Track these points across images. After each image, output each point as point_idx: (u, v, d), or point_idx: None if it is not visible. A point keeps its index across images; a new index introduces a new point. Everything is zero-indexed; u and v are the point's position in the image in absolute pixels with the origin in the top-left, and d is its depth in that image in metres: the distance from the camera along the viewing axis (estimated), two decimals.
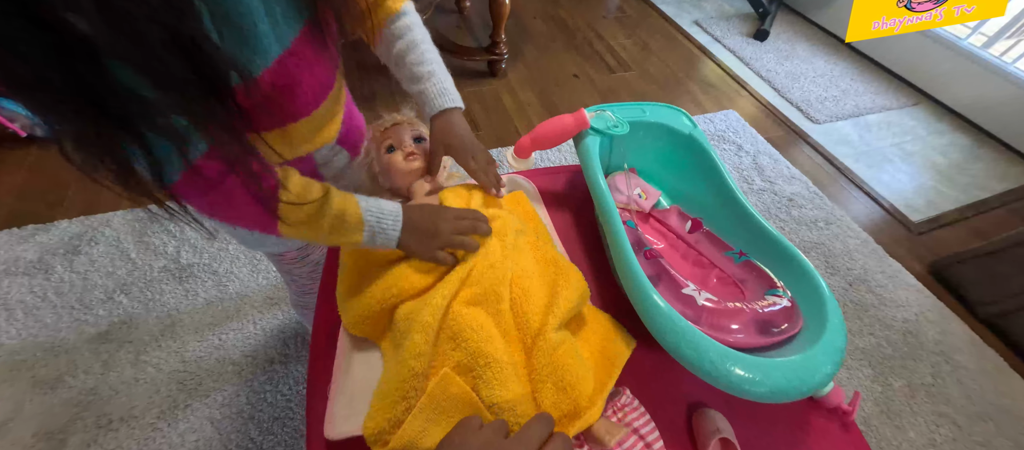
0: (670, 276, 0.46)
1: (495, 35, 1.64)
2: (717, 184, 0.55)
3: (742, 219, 0.51)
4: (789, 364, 0.37)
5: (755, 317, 0.41)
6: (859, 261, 1.28)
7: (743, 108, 1.81)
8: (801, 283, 0.43)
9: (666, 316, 0.38)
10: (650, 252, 0.48)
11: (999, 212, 1.50)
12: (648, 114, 0.61)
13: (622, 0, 2.43)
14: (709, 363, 0.36)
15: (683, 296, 0.42)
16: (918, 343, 1.12)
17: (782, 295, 0.43)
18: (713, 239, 0.54)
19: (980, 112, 1.83)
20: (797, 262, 0.44)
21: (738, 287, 0.48)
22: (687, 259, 0.55)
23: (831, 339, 0.38)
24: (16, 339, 0.93)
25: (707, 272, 0.52)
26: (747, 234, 0.50)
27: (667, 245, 0.58)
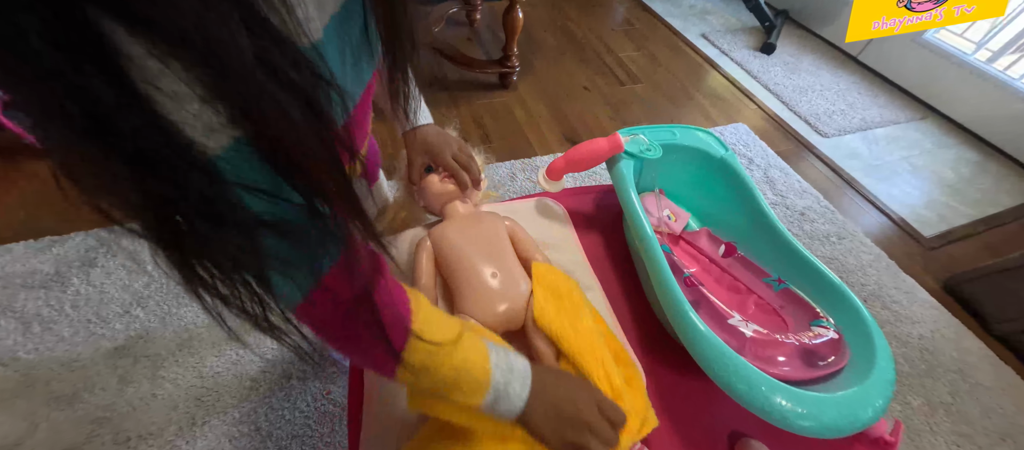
0: (710, 303, 0.46)
1: (507, 48, 1.65)
2: (751, 208, 0.55)
3: (779, 245, 0.51)
4: (841, 399, 0.36)
5: (801, 349, 0.41)
6: (873, 276, 1.28)
7: (751, 121, 1.82)
8: (845, 314, 0.43)
9: (715, 348, 0.38)
10: (690, 279, 0.48)
11: (1011, 227, 1.50)
12: (679, 137, 0.62)
13: (630, 13, 2.46)
14: (761, 397, 0.35)
15: (728, 326, 0.42)
16: (935, 360, 1.11)
17: (828, 326, 0.43)
18: (748, 264, 0.54)
19: (987, 126, 1.84)
20: (839, 292, 0.44)
21: (779, 315, 0.48)
22: (721, 284, 0.55)
23: (882, 373, 0.38)
24: (33, 354, 0.93)
25: (744, 298, 0.52)
26: (785, 261, 0.50)
27: (700, 269, 0.58)
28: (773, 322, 0.48)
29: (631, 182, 0.54)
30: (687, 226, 0.63)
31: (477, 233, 0.48)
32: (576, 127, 1.68)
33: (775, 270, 0.51)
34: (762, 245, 0.53)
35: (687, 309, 0.41)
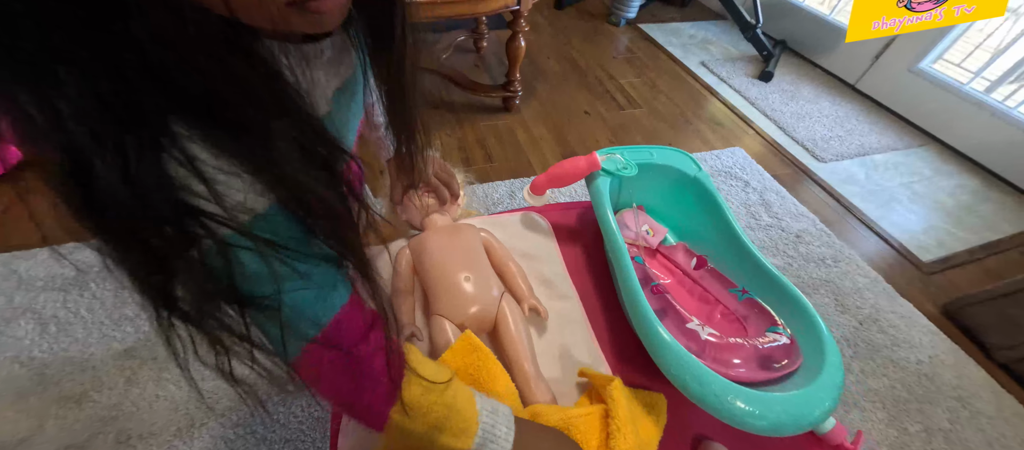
0: (676, 311, 0.49)
1: (511, 75, 1.74)
2: (721, 224, 0.58)
3: (745, 258, 0.54)
4: (789, 399, 0.39)
5: (756, 353, 0.43)
6: (870, 300, 1.28)
7: (750, 146, 1.85)
8: (801, 321, 0.46)
9: (671, 350, 0.41)
10: (657, 288, 0.51)
11: (1011, 254, 1.49)
12: (656, 157, 0.66)
13: (632, 42, 2.55)
14: (712, 396, 0.38)
15: (687, 330, 0.45)
16: (934, 386, 1.10)
17: (782, 332, 0.45)
18: (717, 276, 0.57)
19: (987, 154, 1.85)
20: (797, 301, 0.47)
21: (741, 323, 0.51)
22: (693, 294, 0.58)
23: (830, 376, 0.40)
24: (48, 353, 0.98)
25: (712, 308, 0.54)
26: (750, 273, 0.53)
27: (674, 281, 0.61)
28: (735, 330, 0.50)
29: (607, 198, 0.58)
30: (664, 240, 0.66)
31: (454, 242, 0.52)
32: (576, 149, 1.74)
33: (740, 281, 0.54)
34: (730, 258, 0.56)
35: (648, 314, 0.44)
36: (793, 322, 0.47)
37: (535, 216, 0.68)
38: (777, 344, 0.44)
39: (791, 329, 0.46)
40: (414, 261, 0.54)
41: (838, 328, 1.20)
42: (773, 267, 0.50)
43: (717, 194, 0.60)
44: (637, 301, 0.45)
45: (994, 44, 2.47)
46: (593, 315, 0.57)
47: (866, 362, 1.13)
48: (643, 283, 0.53)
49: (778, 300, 0.49)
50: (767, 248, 1.40)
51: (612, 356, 0.53)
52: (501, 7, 1.39)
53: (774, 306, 0.49)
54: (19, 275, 1.10)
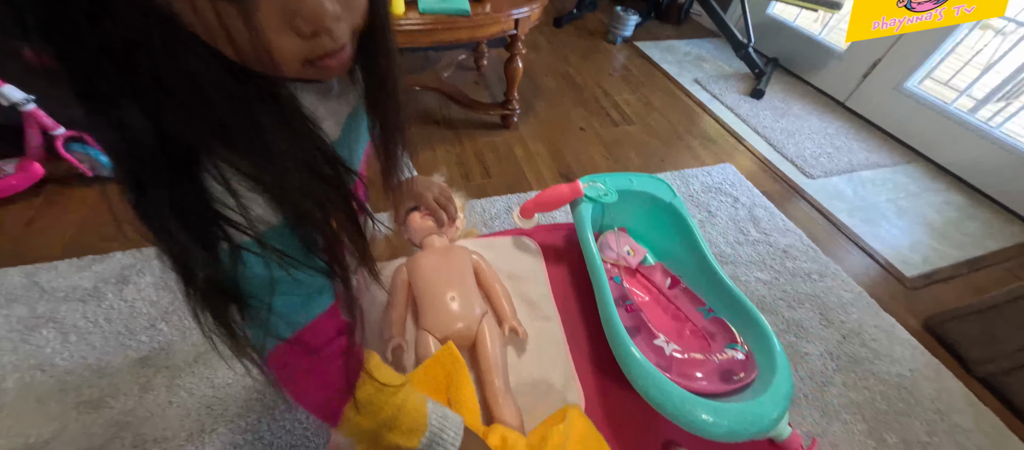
0: (647, 328, 0.54)
1: (509, 94, 1.81)
2: (692, 247, 0.64)
3: (712, 279, 0.59)
4: (742, 408, 0.44)
5: (716, 366, 0.49)
6: (854, 315, 1.33)
7: (740, 162, 1.91)
8: (758, 337, 0.51)
9: (638, 363, 0.46)
10: (631, 306, 0.57)
11: (995, 270, 1.53)
12: (635, 184, 0.72)
13: (628, 60, 2.63)
14: (672, 405, 0.43)
15: (655, 346, 0.50)
16: (914, 399, 1.14)
17: (739, 348, 0.50)
18: (689, 295, 0.62)
19: (973, 172, 1.90)
20: (753, 318, 0.52)
21: (707, 339, 0.56)
22: (667, 312, 0.63)
23: (778, 386, 0.45)
24: (68, 361, 1.04)
25: (682, 325, 0.60)
26: (716, 292, 0.58)
27: (651, 299, 0.66)
28: (701, 345, 0.55)
29: (588, 223, 0.64)
30: (644, 260, 0.72)
31: (446, 263, 0.58)
32: (572, 165, 1.80)
33: (708, 300, 0.59)
34: (700, 279, 0.62)
35: (620, 330, 0.49)
36: (750, 338, 0.52)
37: (525, 239, 0.73)
38: (734, 358, 0.49)
39: (749, 344, 0.51)
40: (409, 277, 0.59)
41: (822, 342, 1.24)
42: (735, 287, 0.56)
43: (689, 219, 0.66)
44: (611, 319, 0.51)
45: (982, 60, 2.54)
46: (575, 331, 0.62)
47: (848, 375, 1.17)
48: (619, 302, 0.59)
49: (739, 317, 0.55)
50: (754, 263, 1.45)
51: (591, 368, 0.58)
52: (499, 32, 1.47)
53: (736, 323, 0.55)
54: (41, 286, 1.16)
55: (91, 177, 1.43)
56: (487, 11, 1.38)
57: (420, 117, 1.93)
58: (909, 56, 2.06)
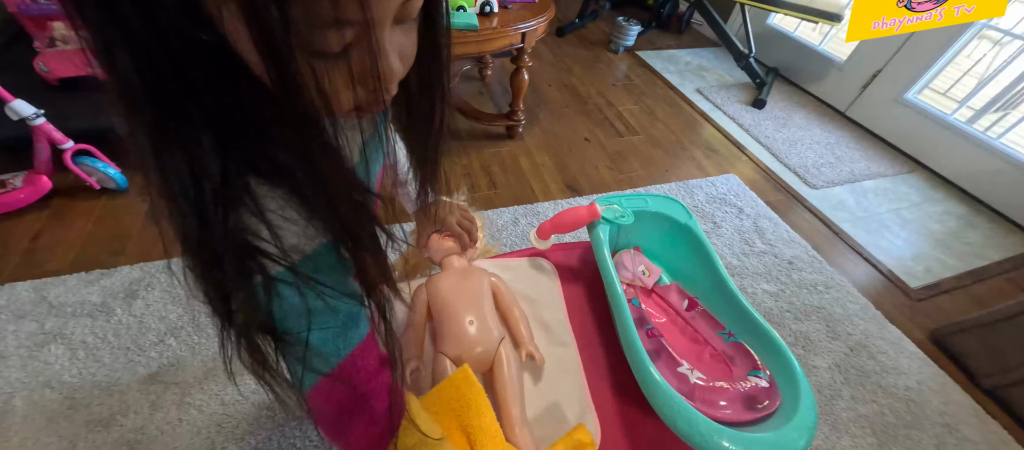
0: (668, 353, 0.54)
1: (514, 105, 1.82)
2: (710, 270, 0.64)
3: (730, 301, 0.60)
4: (767, 439, 0.44)
5: (740, 394, 0.49)
6: (860, 327, 1.33)
7: (743, 172, 1.93)
8: (779, 364, 0.52)
9: (664, 391, 0.46)
10: (652, 331, 0.57)
11: (998, 280, 1.55)
12: (650, 204, 0.72)
13: (630, 70, 2.65)
14: (699, 436, 0.43)
15: (679, 373, 0.51)
16: (921, 413, 1.14)
17: (762, 376, 0.51)
18: (707, 318, 0.63)
19: (972, 182, 1.92)
20: (775, 345, 0.52)
21: (727, 364, 0.56)
22: (685, 334, 0.64)
23: (803, 417, 0.46)
24: (77, 377, 1.03)
25: (702, 348, 0.60)
26: (735, 316, 0.59)
27: (668, 320, 0.67)
28: (722, 370, 0.56)
29: (606, 245, 0.64)
30: (659, 281, 0.72)
31: (464, 286, 0.57)
32: (577, 176, 1.81)
33: (727, 323, 0.59)
34: (718, 302, 0.62)
35: (644, 357, 0.49)
36: (772, 364, 0.52)
37: (542, 261, 0.74)
38: (759, 386, 0.49)
39: (770, 371, 0.52)
40: (429, 298, 0.60)
41: (829, 354, 1.25)
42: (756, 312, 0.56)
43: (705, 240, 0.67)
44: (634, 345, 0.51)
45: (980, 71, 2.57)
46: (593, 355, 0.63)
47: (856, 388, 1.18)
48: (639, 325, 0.59)
49: (760, 343, 0.55)
50: (761, 275, 1.46)
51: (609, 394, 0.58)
52: (506, 46, 1.48)
53: (756, 348, 0.55)
54: (49, 301, 1.16)
55: (99, 190, 1.43)
56: (495, 26, 1.39)
57: None
58: (909, 67, 2.09)
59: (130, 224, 1.38)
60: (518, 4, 1.54)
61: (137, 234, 1.35)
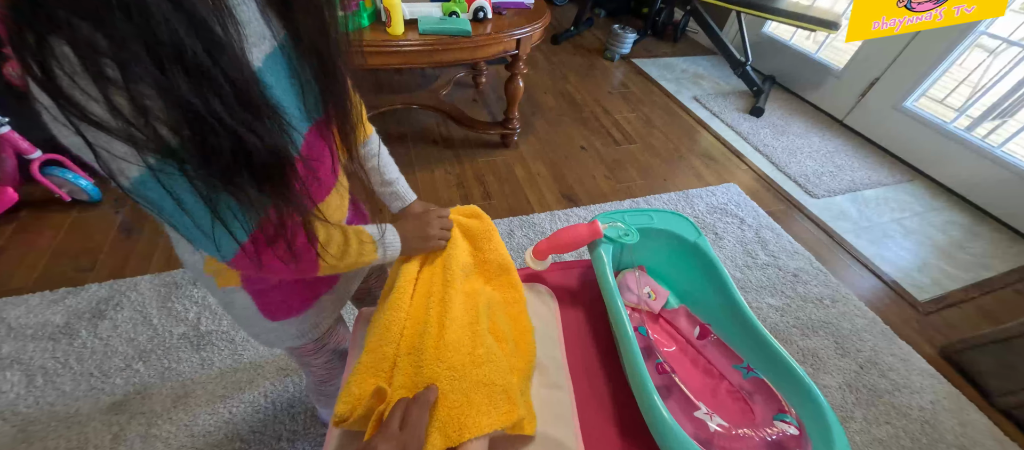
0: (681, 392, 0.48)
1: (509, 112, 1.77)
2: (722, 293, 0.58)
3: (747, 330, 0.54)
4: None
5: (765, 444, 0.43)
6: (869, 342, 1.28)
7: (743, 181, 1.89)
8: (806, 404, 0.46)
9: (678, 440, 0.40)
10: (662, 366, 0.51)
11: (1005, 292, 1.51)
12: (656, 221, 0.67)
13: (626, 77, 2.62)
14: None
15: (696, 419, 0.45)
16: (937, 434, 1.09)
17: (791, 421, 0.45)
18: (722, 348, 0.57)
19: (973, 190, 1.90)
20: (802, 384, 0.47)
21: (747, 403, 0.50)
22: (697, 366, 0.57)
23: None
24: (33, 407, 0.95)
25: (717, 383, 0.54)
26: (753, 346, 0.53)
27: (677, 349, 0.61)
28: (741, 410, 0.50)
29: (609, 267, 0.58)
30: (667, 304, 0.66)
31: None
32: (573, 186, 1.76)
33: (744, 354, 0.54)
34: (733, 329, 0.56)
35: (655, 399, 0.43)
36: (798, 406, 0.46)
37: (541, 288, 0.67)
38: (786, 434, 0.43)
39: (798, 413, 0.46)
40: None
41: (840, 373, 1.20)
42: (776, 342, 0.50)
43: (717, 260, 0.61)
44: (643, 383, 0.45)
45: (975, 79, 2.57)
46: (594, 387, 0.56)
47: (869, 409, 1.12)
48: (646, 356, 0.53)
49: (781, 378, 0.49)
50: (766, 288, 1.40)
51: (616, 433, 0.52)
52: (501, 52, 1.43)
53: (779, 384, 0.49)
54: (8, 323, 1.07)
55: (69, 202, 1.35)
56: (488, 32, 1.34)
57: (418, 136, 1.88)
58: (906, 74, 2.07)
59: (101, 238, 1.30)
60: (512, 10, 1.49)
61: (108, 248, 1.27)
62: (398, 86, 2.24)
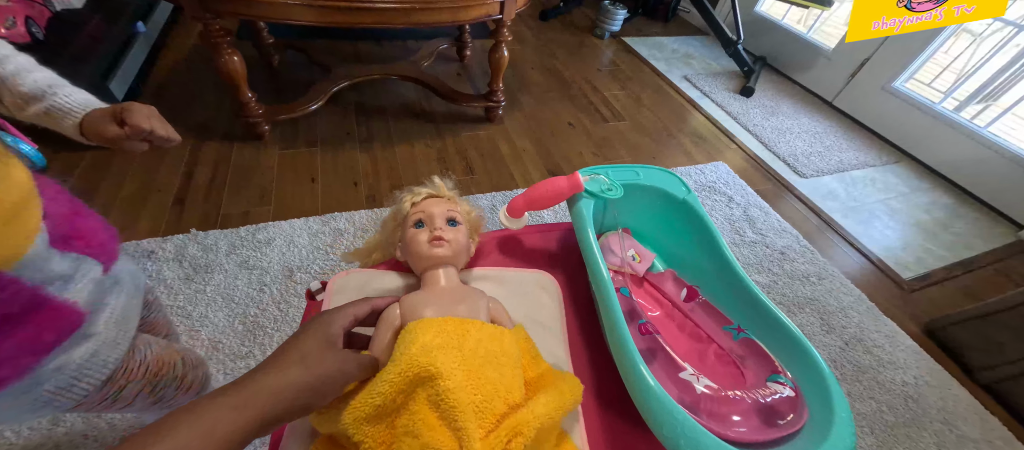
0: (666, 354, 0.43)
1: (493, 84, 1.69)
2: (713, 252, 0.54)
3: (739, 291, 0.49)
4: None
5: (758, 406, 0.38)
6: (854, 319, 1.27)
7: (732, 160, 1.85)
8: (804, 368, 0.41)
9: (661, 404, 0.35)
10: (645, 326, 0.46)
11: (986, 271, 1.51)
12: (642, 177, 0.61)
13: (616, 55, 2.55)
14: None
15: (680, 381, 0.40)
16: (920, 409, 1.08)
17: (785, 382, 0.40)
18: (710, 310, 0.52)
19: (958, 171, 1.90)
20: (799, 344, 0.42)
21: (737, 366, 0.46)
22: (684, 330, 0.53)
23: (839, 436, 0.35)
24: None
25: (705, 346, 0.49)
26: (745, 308, 0.48)
27: (663, 313, 0.56)
28: (731, 374, 0.45)
29: (590, 223, 0.53)
30: (652, 267, 0.62)
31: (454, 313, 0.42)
32: (559, 162, 1.70)
33: (735, 316, 0.49)
34: (723, 290, 0.52)
35: (636, 360, 0.38)
36: (795, 368, 0.42)
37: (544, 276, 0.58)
38: (780, 396, 0.39)
39: (793, 376, 0.41)
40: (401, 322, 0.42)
41: (825, 349, 1.18)
42: (771, 303, 0.46)
43: (707, 218, 0.56)
44: (624, 343, 0.40)
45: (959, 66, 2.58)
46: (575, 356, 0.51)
47: (853, 385, 1.11)
48: (629, 319, 0.48)
49: (777, 341, 0.45)
50: (753, 265, 1.38)
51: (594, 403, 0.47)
52: (483, 16, 1.35)
53: (772, 347, 0.45)
54: None
55: None
56: None
57: (399, 110, 1.79)
58: (896, 56, 2.05)
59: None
60: None
61: None
62: (379, 57, 2.14)
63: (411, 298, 0.45)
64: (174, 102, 1.64)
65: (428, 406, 0.36)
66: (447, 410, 0.35)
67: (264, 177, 1.40)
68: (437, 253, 0.47)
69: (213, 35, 1.21)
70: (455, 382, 0.36)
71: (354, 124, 1.64)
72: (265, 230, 1.22)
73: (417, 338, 0.39)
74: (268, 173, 1.41)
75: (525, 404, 0.38)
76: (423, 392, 0.37)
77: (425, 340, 0.39)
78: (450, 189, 0.57)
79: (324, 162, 1.48)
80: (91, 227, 0.44)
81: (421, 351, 0.38)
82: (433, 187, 0.55)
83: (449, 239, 0.48)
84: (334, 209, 1.32)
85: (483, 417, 0.36)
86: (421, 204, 0.52)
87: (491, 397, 0.37)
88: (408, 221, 0.51)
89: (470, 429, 0.35)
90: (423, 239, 0.48)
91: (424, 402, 0.36)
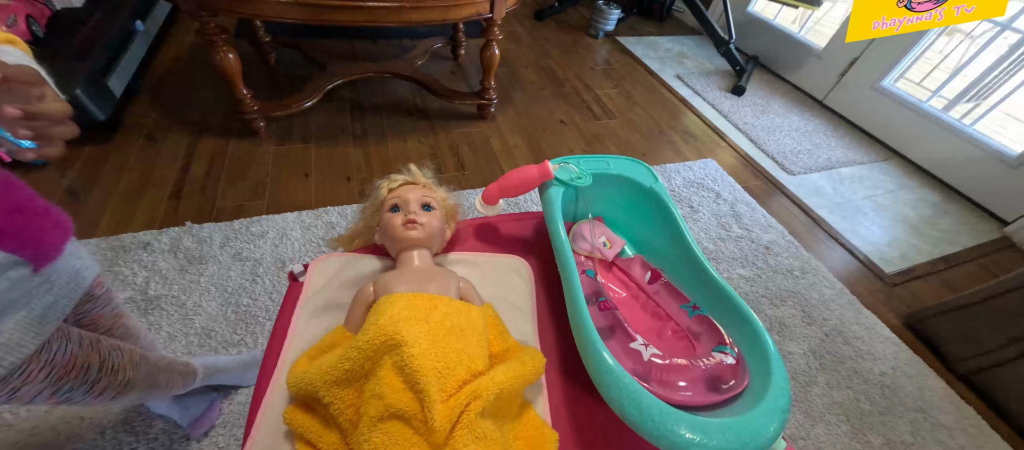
0: (623, 329, 0.46)
1: (485, 82, 1.72)
2: (675, 237, 0.56)
3: (697, 272, 0.52)
4: (732, 425, 0.36)
5: (703, 373, 0.41)
6: (835, 312, 1.29)
7: (722, 158, 1.88)
8: (748, 337, 0.44)
9: (610, 371, 0.38)
10: (605, 303, 0.49)
11: (969, 266, 1.54)
12: (612, 167, 0.64)
13: (610, 54, 2.58)
14: (651, 423, 0.35)
15: (631, 350, 0.43)
16: (896, 398, 1.11)
17: (728, 352, 0.43)
18: (672, 291, 0.55)
19: (945, 170, 1.92)
20: (746, 318, 0.45)
21: (691, 341, 0.49)
22: (646, 310, 0.56)
23: (774, 399, 0.38)
24: None
25: (663, 324, 0.52)
26: (702, 288, 0.51)
27: (628, 295, 0.59)
28: (685, 348, 0.48)
29: (558, 209, 0.56)
30: (622, 253, 0.64)
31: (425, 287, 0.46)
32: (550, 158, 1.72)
33: (693, 296, 0.52)
34: (683, 272, 0.54)
35: (591, 332, 0.41)
36: (740, 339, 0.45)
37: (517, 261, 0.62)
38: (723, 363, 0.41)
39: (740, 346, 0.44)
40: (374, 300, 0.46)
41: (805, 340, 1.20)
42: (722, 280, 0.49)
43: (672, 205, 0.59)
44: (580, 318, 0.43)
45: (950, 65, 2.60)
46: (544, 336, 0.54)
47: (831, 374, 1.13)
48: (591, 298, 0.51)
49: (728, 315, 0.47)
50: (737, 259, 1.40)
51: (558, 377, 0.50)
52: (473, 14, 1.38)
53: (724, 322, 0.48)
54: None
55: (9, 163, 1.27)
56: None
57: (392, 107, 1.82)
58: (885, 55, 2.07)
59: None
60: None
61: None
62: (374, 56, 2.17)
63: (385, 276, 0.48)
64: (172, 98, 1.68)
65: (393, 371, 0.39)
66: (410, 374, 0.38)
67: (259, 172, 1.43)
68: (411, 235, 0.51)
69: (209, 33, 1.25)
70: (419, 349, 0.39)
71: (348, 120, 1.68)
72: (259, 223, 1.25)
73: (387, 310, 0.42)
74: (263, 168, 1.44)
75: (486, 372, 0.41)
76: (389, 359, 0.40)
77: (393, 312, 0.42)
78: (428, 177, 0.60)
79: (318, 157, 1.51)
80: (28, 224, 0.42)
81: (389, 322, 0.41)
82: (409, 174, 0.58)
83: (423, 223, 0.52)
84: (327, 203, 1.35)
85: (445, 382, 0.39)
86: (397, 190, 0.55)
87: (454, 365, 0.40)
88: (385, 206, 0.54)
89: (431, 392, 0.38)
90: (398, 222, 0.51)
91: (390, 368, 0.39)
